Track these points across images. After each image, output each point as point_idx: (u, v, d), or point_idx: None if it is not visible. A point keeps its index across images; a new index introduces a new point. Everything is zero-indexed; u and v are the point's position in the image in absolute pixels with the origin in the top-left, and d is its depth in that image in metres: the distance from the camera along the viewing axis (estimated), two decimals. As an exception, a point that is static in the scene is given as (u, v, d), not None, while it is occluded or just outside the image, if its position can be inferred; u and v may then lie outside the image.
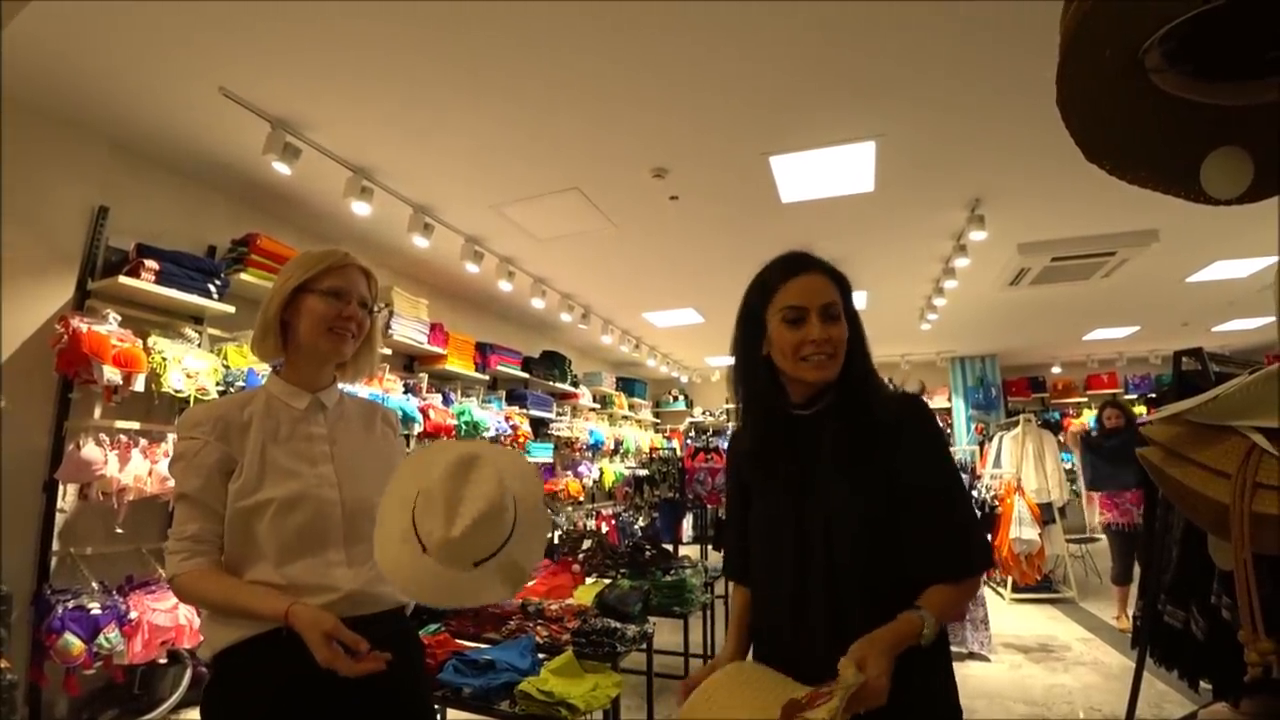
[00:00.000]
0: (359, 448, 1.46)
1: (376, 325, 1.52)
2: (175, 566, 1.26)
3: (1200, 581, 2.11)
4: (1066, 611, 5.76)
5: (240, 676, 1.25)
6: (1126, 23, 0.75)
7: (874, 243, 5.06)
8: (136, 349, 3.08)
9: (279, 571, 1.28)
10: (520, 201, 4.25)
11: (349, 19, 2.57)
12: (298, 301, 1.39)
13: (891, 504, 1.16)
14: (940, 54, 2.84)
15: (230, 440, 1.32)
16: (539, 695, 2.29)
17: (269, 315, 1.39)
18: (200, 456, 1.30)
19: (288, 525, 1.29)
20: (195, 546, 1.27)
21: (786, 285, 1.27)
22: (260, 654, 1.21)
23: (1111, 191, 3.78)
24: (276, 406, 1.40)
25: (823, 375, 1.23)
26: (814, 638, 1.17)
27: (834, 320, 1.24)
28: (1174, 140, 0.92)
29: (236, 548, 1.29)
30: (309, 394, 1.43)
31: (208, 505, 1.29)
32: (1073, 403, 10.56)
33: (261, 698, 1.23)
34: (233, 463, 1.31)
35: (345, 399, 1.52)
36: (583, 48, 2.76)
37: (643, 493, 8.58)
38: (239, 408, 1.37)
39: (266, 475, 1.31)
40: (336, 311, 1.39)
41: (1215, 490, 0.89)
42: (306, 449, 1.38)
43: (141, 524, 3.30)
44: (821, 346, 1.22)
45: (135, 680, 3.11)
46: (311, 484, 1.34)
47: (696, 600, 3.60)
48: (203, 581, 1.26)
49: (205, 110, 3.13)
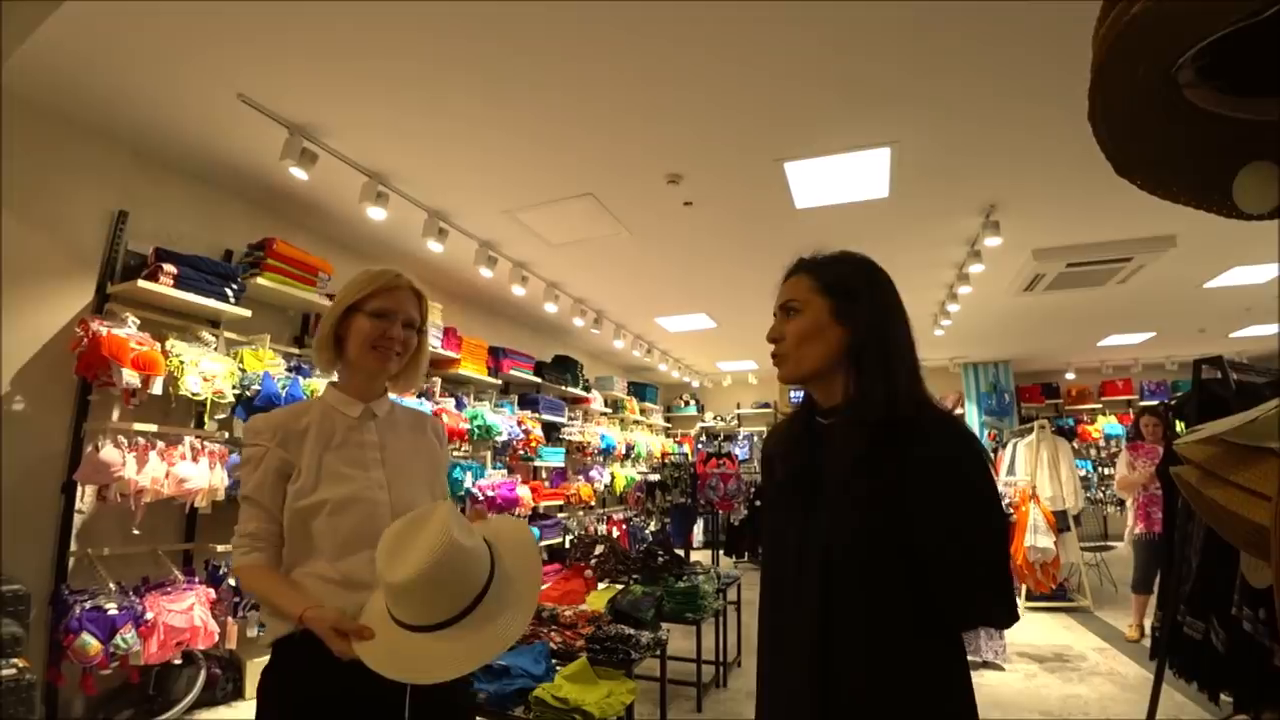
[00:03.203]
0: (408, 454, 1.53)
1: (424, 342, 1.60)
2: (236, 560, 1.40)
3: (1220, 593, 2.09)
4: (1082, 620, 5.70)
5: (293, 663, 1.34)
6: (1163, 38, 0.75)
7: (888, 249, 5.02)
8: (155, 352, 3.11)
9: (333, 566, 1.37)
10: (534, 207, 4.26)
11: (366, 27, 2.59)
12: (349, 320, 1.49)
13: (902, 540, 1.02)
14: (955, 60, 2.83)
15: (289, 446, 1.42)
16: (553, 701, 2.29)
17: (325, 331, 1.50)
18: (262, 461, 1.41)
19: (341, 524, 1.38)
20: (254, 543, 1.38)
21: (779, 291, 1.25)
22: (312, 644, 1.28)
23: (1128, 197, 3.74)
24: (332, 415, 1.49)
25: (781, 376, 1.19)
26: (796, 675, 1.09)
27: (789, 315, 1.18)
28: (1205, 155, 0.91)
29: (295, 544, 1.39)
30: (361, 403, 1.51)
31: (266, 506, 1.39)
32: (1087, 409, 10.48)
33: (312, 683, 1.32)
34: (291, 467, 1.41)
35: (396, 408, 1.60)
36: (598, 55, 2.77)
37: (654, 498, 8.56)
38: (297, 416, 1.47)
39: (322, 478, 1.40)
40: (381, 331, 1.47)
41: (1254, 511, 0.87)
42: (359, 454, 1.46)
43: (158, 525, 3.34)
44: (774, 346, 1.18)
45: (150, 680, 3.14)
46: (363, 487, 1.42)
47: (709, 606, 3.59)
48: (254, 576, 1.37)
49: (224, 117, 3.16)
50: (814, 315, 1.16)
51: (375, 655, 1.21)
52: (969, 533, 1.00)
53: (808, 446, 1.20)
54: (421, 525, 1.24)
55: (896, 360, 1.14)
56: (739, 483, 7.89)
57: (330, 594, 1.34)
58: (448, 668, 1.20)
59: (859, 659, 1.03)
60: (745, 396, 11.43)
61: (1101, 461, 9.78)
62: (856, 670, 1.03)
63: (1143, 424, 5.20)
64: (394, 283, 1.50)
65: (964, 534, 1.00)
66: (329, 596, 1.33)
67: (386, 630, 1.24)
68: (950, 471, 1.03)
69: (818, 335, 1.15)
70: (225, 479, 3.36)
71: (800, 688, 1.07)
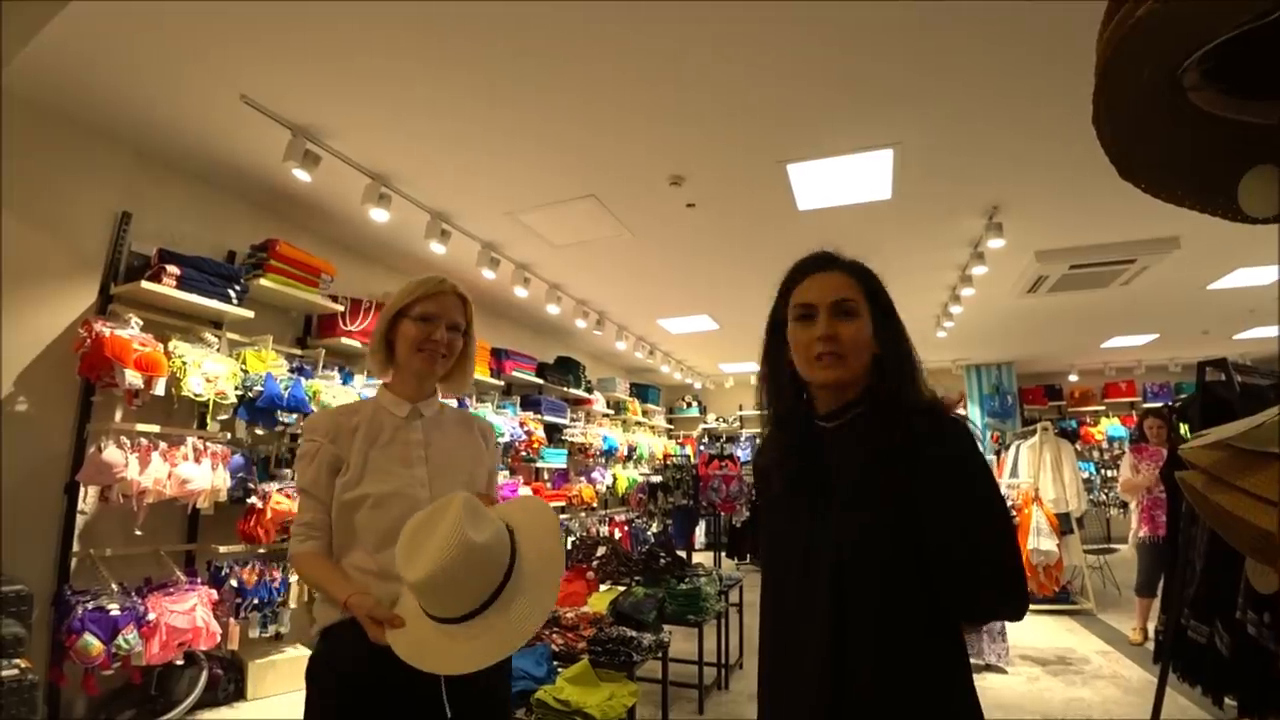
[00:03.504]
0: (451, 453, 1.61)
1: (470, 344, 1.69)
2: (293, 547, 1.51)
3: (1225, 597, 2.08)
4: (1085, 623, 5.69)
5: (338, 649, 1.44)
6: (1168, 40, 0.74)
7: (891, 250, 5.04)
8: (157, 353, 3.11)
9: (372, 558, 1.45)
10: (537, 208, 4.26)
11: (369, 28, 2.59)
12: (397, 325, 1.59)
13: (916, 538, 1.03)
14: (958, 61, 2.82)
15: (340, 442, 1.52)
16: (555, 704, 2.29)
17: (377, 337, 1.61)
18: (316, 456, 1.51)
19: (381, 518, 1.46)
20: (309, 531, 1.49)
21: (802, 284, 1.21)
22: (356, 632, 1.35)
23: (1132, 199, 3.73)
24: (381, 415, 1.58)
25: (829, 377, 1.14)
26: (808, 684, 1.07)
27: (846, 317, 1.14)
28: (1210, 158, 0.91)
29: (340, 535, 1.49)
30: (410, 404, 1.60)
31: (320, 498, 1.50)
32: (1090, 411, 10.45)
33: (353, 670, 1.39)
34: (341, 462, 1.51)
35: (445, 410, 1.68)
36: (601, 56, 2.77)
37: (656, 499, 8.56)
38: (350, 414, 1.58)
39: (366, 474, 1.49)
40: (426, 334, 1.56)
41: (1260, 517, 0.87)
42: (403, 452, 1.55)
43: (160, 526, 3.34)
44: (829, 344, 1.12)
45: (152, 681, 3.13)
46: (405, 483, 1.51)
47: (711, 608, 3.59)
48: (308, 562, 1.48)
49: (227, 118, 3.16)
50: (865, 321, 1.16)
51: (404, 644, 1.27)
52: (974, 531, 1.02)
53: (809, 450, 1.19)
54: (436, 522, 1.27)
55: (911, 363, 1.20)
56: (741, 484, 7.90)
57: (368, 584, 1.43)
58: (470, 661, 1.25)
59: (869, 658, 1.03)
60: (748, 398, 11.41)
61: (1104, 464, 9.76)
62: (867, 669, 1.03)
63: (1146, 426, 5.18)
64: (438, 288, 1.60)
65: (969, 532, 1.02)
66: (367, 587, 1.42)
67: (417, 621, 1.29)
68: (958, 470, 1.05)
69: (867, 342, 1.16)
70: (227, 480, 3.36)
71: (811, 691, 1.06)
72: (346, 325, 4.32)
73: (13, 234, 2.91)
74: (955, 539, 1.01)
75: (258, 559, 3.56)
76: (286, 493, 3.57)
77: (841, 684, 1.03)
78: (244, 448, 3.64)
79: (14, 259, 2.92)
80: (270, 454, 3.87)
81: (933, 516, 1.02)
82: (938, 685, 1.04)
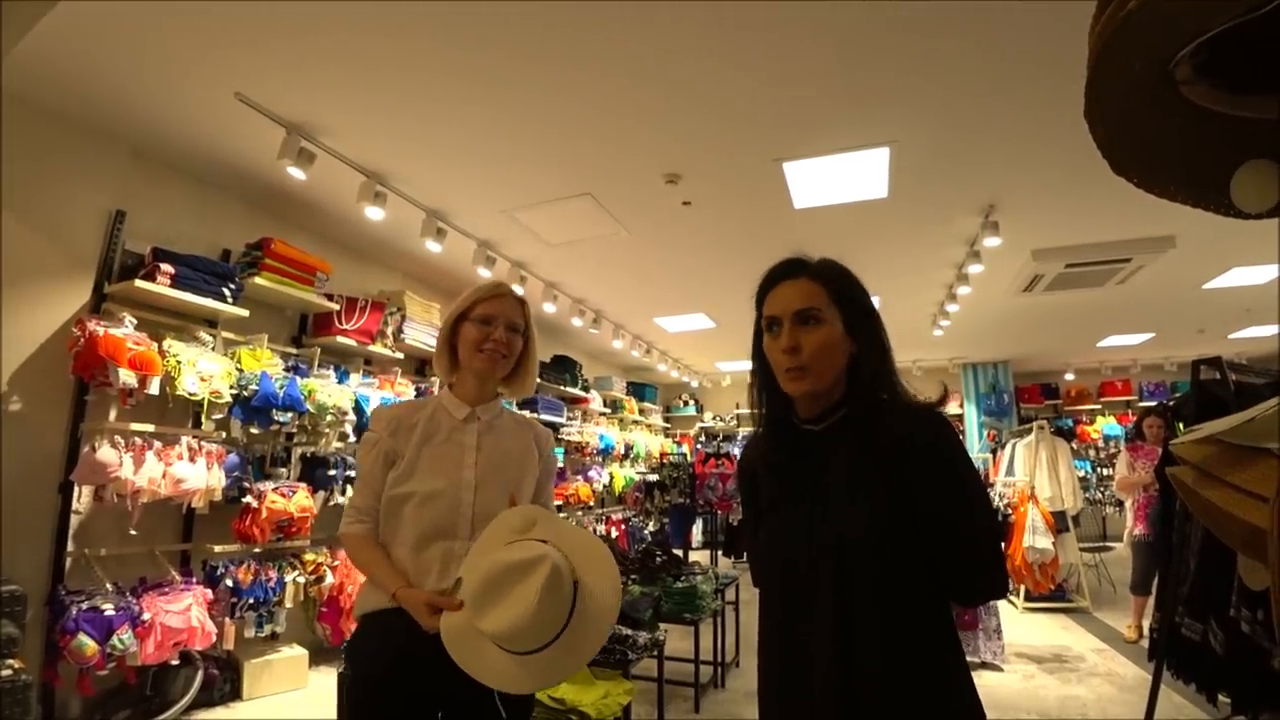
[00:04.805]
0: (502, 458, 1.64)
1: (531, 346, 1.74)
2: (344, 527, 1.57)
3: (1218, 595, 2.08)
4: (1080, 621, 5.69)
5: (374, 636, 1.50)
6: (1159, 34, 0.74)
7: (887, 249, 5.04)
8: (151, 352, 3.10)
9: (410, 553, 1.51)
10: (533, 207, 4.25)
11: (363, 28, 2.58)
12: (458, 329, 1.66)
13: (909, 528, 1.07)
14: (954, 60, 2.82)
15: (398, 437, 1.58)
16: (550, 702, 2.29)
17: (441, 341, 1.68)
18: (375, 446, 1.58)
19: (423, 516, 1.51)
20: (360, 515, 1.56)
21: (768, 296, 1.21)
22: (394, 620, 1.43)
23: (1127, 198, 3.74)
24: (440, 415, 1.63)
25: (796, 390, 1.15)
26: (812, 675, 1.08)
27: (809, 324, 1.14)
28: (1202, 153, 0.91)
29: (386, 526, 1.55)
30: (469, 407, 1.65)
31: (374, 486, 1.56)
32: (1086, 409, 10.47)
33: (385, 657, 1.46)
34: (396, 455, 1.56)
35: (505, 414, 1.73)
36: (596, 55, 2.77)
37: (653, 498, 8.56)
38: (413, 411, 1.64)
39: (416, 471, 1.55)
40: (485, 335, 1.62)
41: (1250, 513, 0.87)
42: (455, 454, 1.59)
43: (155, 526, 3.33)
44: (793, 357, 1.12)
45: (148, 681, 3.13)
46: (451, 484, 1.55)
47: (708, 607, 3.59)
48: (358, 544, 1.55)
49: (221, 116, 3.15)
50: (832, 327, 1.15)
51: (461, 650, 1.33)
52: (959, 502, 1.07)
53: (799, 453, 1.21)
54: (519, 578, 1.29)
55: (890, 363, 1.18)
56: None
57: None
58: (525, 684, 1.33)
59: (876, 650, 1.04)
60: (744, 397, 11.10)
61: (1100, 462, 9.77)
62: (876, 660, 1.04)
63: (1145, 425, 5.16)
64: (495, 291, 1.67)
65: (956, 503, 1.07)
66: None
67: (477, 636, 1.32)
68: (938, 455, 1.09)
69: (836, 347, 1.15)
70: (222, 479, 3.35)
71: (823, 685, 1.06)
72: (342, 324, 4.32)
73: (6, 232, 2.90)
74: (944, 507, 1.06)
75: (253, 558, 3.56)
76: (281, 492, 3.56)
77: (850, 675, 1.04)
78: (239, 447, 3.63)
79: (8, 257, 2.91)
80: (265, 453, 3.86)
81: (923, 493, 1.06)
82: (944, 672, 1.07)
